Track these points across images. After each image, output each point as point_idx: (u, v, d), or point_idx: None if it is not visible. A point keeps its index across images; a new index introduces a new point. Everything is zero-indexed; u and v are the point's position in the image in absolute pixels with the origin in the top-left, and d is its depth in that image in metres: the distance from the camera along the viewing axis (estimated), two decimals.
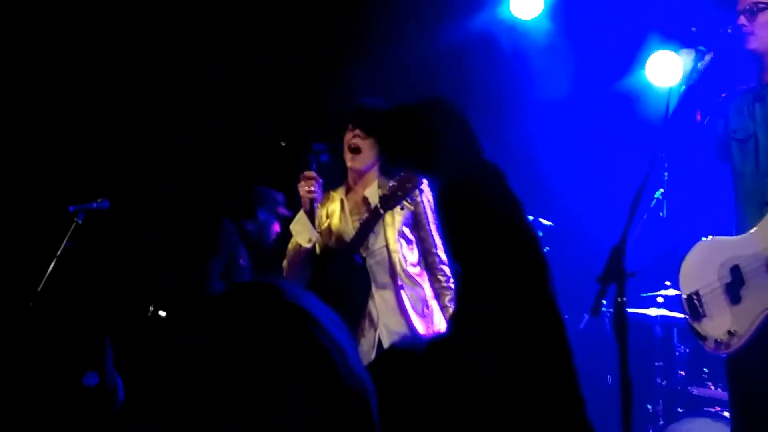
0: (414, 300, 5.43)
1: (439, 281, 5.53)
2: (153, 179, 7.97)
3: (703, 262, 5.17)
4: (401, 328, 5.35)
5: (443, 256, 5.52)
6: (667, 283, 6.70)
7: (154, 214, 7.88)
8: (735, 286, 4.99)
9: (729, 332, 4.99)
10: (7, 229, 7.50)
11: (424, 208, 5.51)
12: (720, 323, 5.06)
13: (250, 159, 7.87)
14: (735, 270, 5.01)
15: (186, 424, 1.62)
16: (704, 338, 5.14)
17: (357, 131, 5.47)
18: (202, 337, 1.67)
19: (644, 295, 6.75)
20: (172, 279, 7.67)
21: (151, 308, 5.73)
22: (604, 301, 3.93)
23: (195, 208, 7.92)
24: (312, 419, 1.61)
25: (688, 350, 6.72)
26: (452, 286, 5.52)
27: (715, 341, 5.06)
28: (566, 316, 1.96)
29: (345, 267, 5.44)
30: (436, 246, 5.53)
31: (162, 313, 5.81)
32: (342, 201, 5.62)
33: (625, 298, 3.63)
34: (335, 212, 5.60)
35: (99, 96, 7.86)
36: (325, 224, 5.60)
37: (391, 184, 5.28)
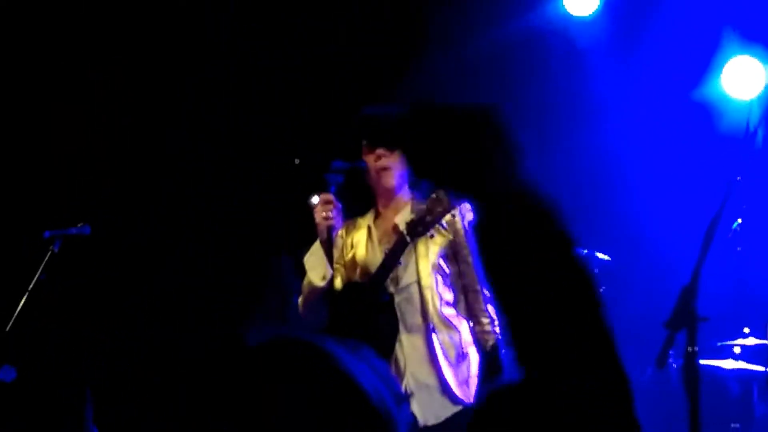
0: (447, 346, 5.24)
1: (481, 323, 5.29)
2: (153, 179, 8.12)
3: None
4: (430, 380, 5.20)
5: (488, 294, 5.31)
6: (746, 330, 6.55)
7: (154, 214, 8.02)
8: None
9: None
10: None
11: (467, 235, 5.28)
12: None
13: (250, 159, 8.00)
14: None
15: (186, 423, 1.71)
16: None
17: (379, 150, 5.32)
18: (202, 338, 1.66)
19: (719, 344, 6.60)
20: (172, 279, 7.82)
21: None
22: (672, 351, 3.85)
23: (195, 209, 8.05)
24: (312, 420, 1.67)
25: None
26: (497, 330, 5.29)
27: None
28: (626, 368, 1.93)
29: (369, 305, 5.26)
30: (479, 281, 5.30)
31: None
32: (369, 228, 5.44)
33: (696, 348, 3.58)
34: (361, 241, 5.42)
35: (99, 96, 8.03)
36: (350, 255, 5.42)
37: (419, 208, 5.14)
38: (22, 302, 5.93)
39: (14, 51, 7.91)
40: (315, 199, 5.34)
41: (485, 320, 5.26)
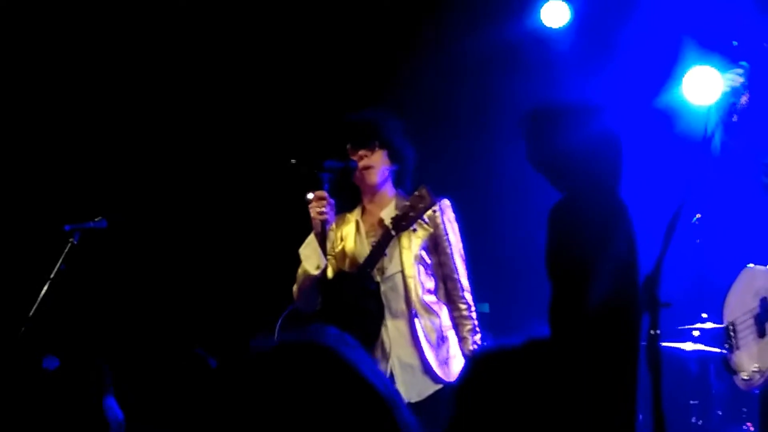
0: (428, 330, 5.49)
1: (459, 309, 5.58)
2: (153, 181, 8.18)
3: (744, 291, 5.14)
4: (413, 361, 5.44)
5: (465, 283, 5.62)
6: (704, 315, 6.66)
7: (154, 218, 8.11)
8: (762, 318, 4.96)
9: (753, 368, 4.97)
10: None
11: (445, 228, 5.58)
12: (749, 357, 5.05)
13: (251, 159, 8.08)
14: (764, 302, 4.97)
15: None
16: (735, 372, 5.13)
17: (362, 151, 5.60)
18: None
19: (680, 328, 6.75)
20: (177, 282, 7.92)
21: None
22: None
23: (197, 214, 8.13)
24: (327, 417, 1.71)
25: (725, 388, 6.73)
26: (473, 315, 5.60)
27: (743, 376, 5.03)
28: None
29: (357, 292, 5.47)
30: (457, 271, 5.59)
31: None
32: (357, 222, 5.69)
33: (659, 331, 3.55)
34: (350, 234, 5.66)
35: (98, 96, 8.11)
36: (340, 247, 5.66)
37: (403, 204, 5.38)
38: (44, 290, 6.09)
39: (12, 52, 7.96)
40: (310, 196, 5.51)
41: (463, 306, 5.54)
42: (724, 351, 5.36)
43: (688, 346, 6.66)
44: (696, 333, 6.69)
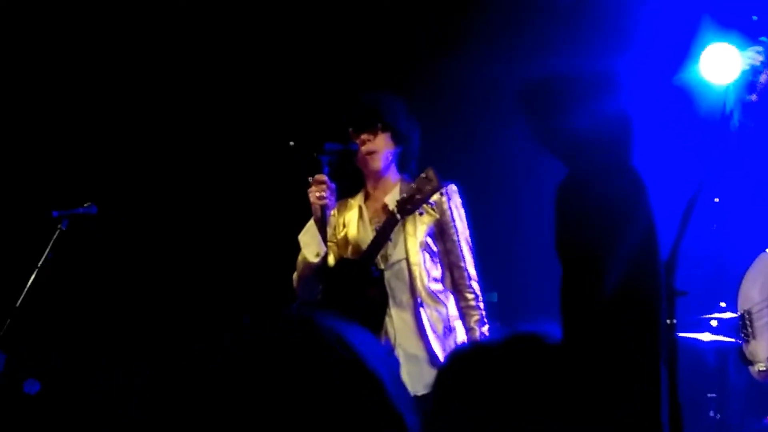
0: (434, 320, 5.42)
1: (466, 299, 5.50)
2: (145, 166, 8.20)
3: (759, 278, 5.08)
4: (419, 352, 5.36)
5: (473, 272, 5.55)
6: (723, 304, 6.57)
7: (147, 204, 8.13)
8: None
9: None
10: None
11: (452, 214, 5.50)
12: (765, 347, 5.01)
13: (248, 141, 8.10)
14: None
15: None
16: (750, 363, 5.09)
17: (365, 135, 5.52)
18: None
19: (697, 317, 6.63)
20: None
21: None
22: None
23: (192, 199, 8.15)
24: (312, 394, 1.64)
25: (744, 380, 6.63)
26: (481, 305, 5.52)
27: (760, 367, 5.00)
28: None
29: (360, 280, 5.41)
30: (464, 259, 5.51)
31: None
32: (360, 208, 5.63)
33: (675, 321, 3.62)
34: (352, 221, 5.61)
35: (86, 79, 8.13)
36: (342, 233, 5.61)
37: (409, 187, 5.30)
38: (32, 279, 6.08)
39: (11, 51, 8.01)
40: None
41: (470, 296, 5.46)
42: (739, 341, 5.33)
43: (706, 336, 6.56)
44: (714, 323, 6.59)
